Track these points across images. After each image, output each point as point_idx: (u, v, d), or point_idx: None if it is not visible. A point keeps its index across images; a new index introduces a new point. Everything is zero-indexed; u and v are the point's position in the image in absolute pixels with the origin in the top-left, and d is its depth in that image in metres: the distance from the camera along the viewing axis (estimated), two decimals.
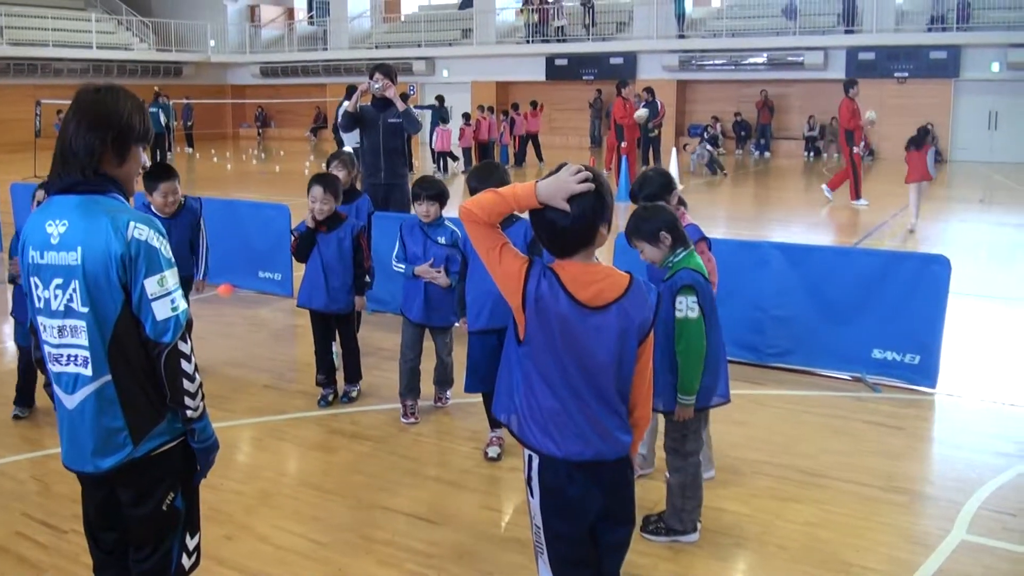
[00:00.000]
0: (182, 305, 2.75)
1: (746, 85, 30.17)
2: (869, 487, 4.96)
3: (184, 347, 2.74)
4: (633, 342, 2.81)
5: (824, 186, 17.78)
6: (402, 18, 39.93)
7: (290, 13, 42.36)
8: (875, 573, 4.11)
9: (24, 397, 6.16)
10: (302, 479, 5.21)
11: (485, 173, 5.08)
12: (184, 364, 2.74)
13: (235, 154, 31.09)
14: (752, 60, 29.43)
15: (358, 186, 7.64)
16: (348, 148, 7.77)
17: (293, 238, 6.21)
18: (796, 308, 6.92)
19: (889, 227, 14.26)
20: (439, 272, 5.78)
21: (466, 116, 24.84)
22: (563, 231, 2.73)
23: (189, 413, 2.80)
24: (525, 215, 2.87)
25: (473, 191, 5.03)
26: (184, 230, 6.51)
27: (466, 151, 24.27)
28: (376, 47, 36.86)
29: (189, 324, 2.78)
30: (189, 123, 33.60)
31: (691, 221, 4.71)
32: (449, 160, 24.10)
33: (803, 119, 29.31)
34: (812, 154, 28.66)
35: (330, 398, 6.33)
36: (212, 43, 39.07)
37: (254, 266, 9.73)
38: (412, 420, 5.95)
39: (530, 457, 2.88)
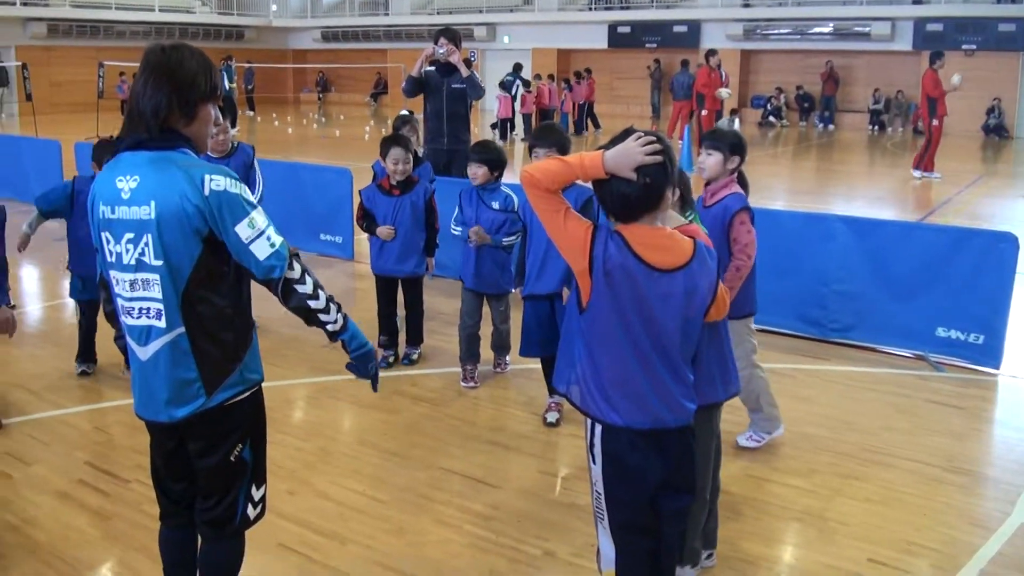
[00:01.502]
0: (278, 238, 2.77)
1: (811, 55, 29.60)
2: (930, 467, 4.90)
3: (294, 274, 2.79)
4: (700, 306, 2.82)
5: (912, 170, 17.27)
6: None
7: None
8: (935, 553, 4.06)
9: (86, 353, 6.26)
10: (361, 438, 5.27)
11: (544, 133, 5.18)
12: (301, 288, 2.80)
13: (296, 118, 31.32)
14: (818, 30, 28.89)
15: (419, 152, 7.67)
16: (405, 112, 7.76)
17: (359, 213, 6.26)
18: (860, 283, 6.82)
19: (953, 204, 13.96)
20: (481, 234, 5.77)
21: (526, 83, 24.72)
22: (630, 198, 2.73)
23: (330, 328, 2.87)
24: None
25: (531, 149, 5.05)
26: (237, 171, 6.59)
27: (527, 118, 24.19)
28: (438, 12, 36.74)
29: (293, 253, 2.82)
30: (250, 87, 33.85)
31: (737, 190, 4.63)
32: (508, 127, 24.02)
33: (868, 92, 28.73)
34: (877, 128, 28.09)
35: (391, 359, 6.39)
36: (274, 7, 39.27)
37: (315, 229, 9.82)
38: (471, 384, 5.99)
39: (592, 424, 2.89)
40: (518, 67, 24.76)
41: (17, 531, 4.18)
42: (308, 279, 2.82)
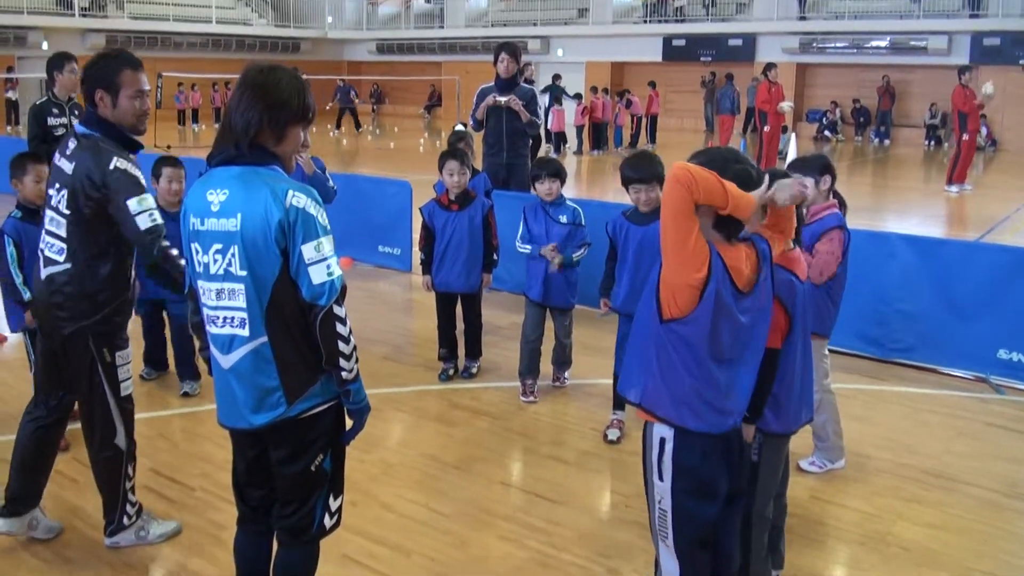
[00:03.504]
0: (337, 271, 2.86)
1: (867, 69, 29.31)
2: (993, 492, 4.86)
3: (339, 311, 2.85)
4: (763, 321, 2.97)
5: (945, 187, 17.11)
6: None
7: None
8: None
9: (153, 358, 6.40)
10: (423, 451, 5.33)
11: (641, 163, 5.08)
12: (339, 327, 2.85)
13: (349, 129, 31.60)
14: (874, 44, 28.61)
15: (477, 165, 7.75)
16: (460, 126, 7.85)
17: (422, 232, 6.34)
18: (922, 303, 6.76)
19: (1012, 222, 13.74)
20: (555, 253, 5.82)
21: (579, 96, 24.73)
22: (738, 226, 2.88)
23: (344, 375, 2.91)
24: None
25: (626, 180, 5.02)
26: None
27: (579, 131, 24.18)
28: (492, 25, 36.97)
29: (344, 289, 2.88)
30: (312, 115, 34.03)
31: (836, 210, 4.77)
32: (562, 141, 24.00)
33: (924, 106, 28.36)
34: (933, 143, 27.73)
35: (450, 372, 6.46)
36: (330, 19, 39.72)
37: (374, 240, 9.93)
38: (531, 399, 6.04)
39: (662, 440, 2.94)
40: (556, 78, 24.78)
41: (85, 536, 4.29)
42: (348, 323, 2.89)
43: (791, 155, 15.21)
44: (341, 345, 2.86)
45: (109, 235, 3.85)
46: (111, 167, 3.74)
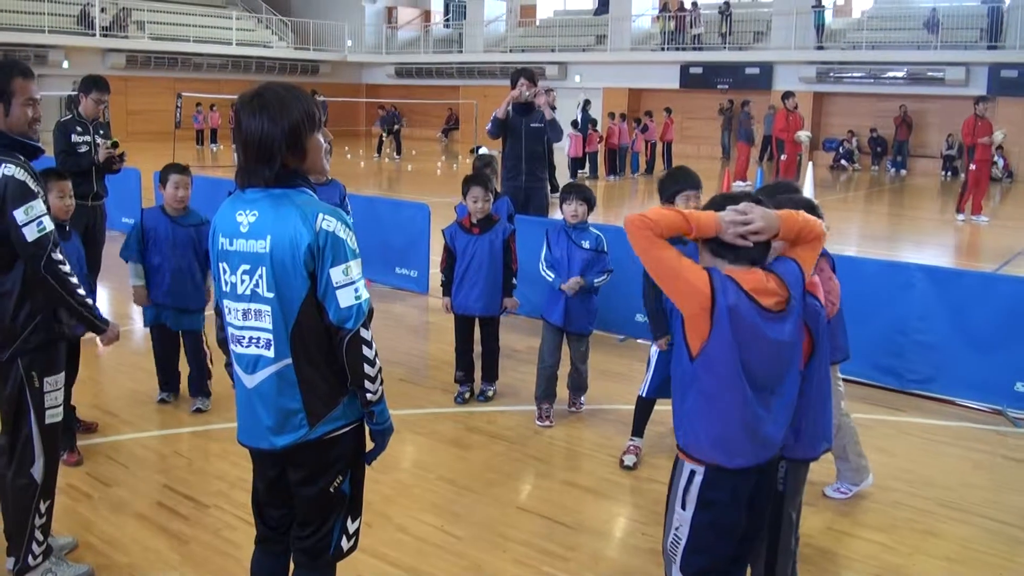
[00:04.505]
0: (365, 294, 2.87)
1: (884, 99, 29.36)
2: (1011, 526, 4.81)
3: (365, 334, 2.86)
4: (799, 342, 2.97)
5: (972, 216, 17.19)
6: (537, 23, 40.13)
7: (426, 15, 43.14)
8: None
9: (168, 382, 6.36)
10: (439, 473, 5.32)
11: (687, 172, 5.09)
12: (365, 350, 2.86)
13: (368, 151, 31.80)
14: (891, 74, 28.69)
15: (497, 188, 7.79)
16: (484, 150, 7.91)
17: (444, 254, 6.38)
18: (939, 334, 6.74)
19: None
20: (578, 285, 5.84)
21: (593, 122, 24.80)
22: (742, 251, 2.87)
23: (369, 396, 2.92)
24: None
25: (675, 190, 4.96)
26: (330, 202, 6.72)
27: (592, 156, 24.24)
28: (510, 51, 37.22)
29: (370, 312, 2.89)
30: (323, 119, 34.33)
31: None
32: (578, 167, 24.05)
33: (942, 137, 28.32)
34: (949, 174, 27.66)
35: (466, 395, 6.47)
36: (349, 43, 40.02)
37: (391, 262, 9.98)
38: (547, 424, 6.03)
39: (692, 472, 2.94)
40: (587, 104, 24.82)
41: (98, 552, 4.29)
42: (374, 346, 2.90)
43: (808, 187, 15.22)
44: (367, 367, 2.87)
45: (8, 246, 3.66)
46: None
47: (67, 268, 3.73)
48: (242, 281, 2.88)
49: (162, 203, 6.17)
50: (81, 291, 3.80)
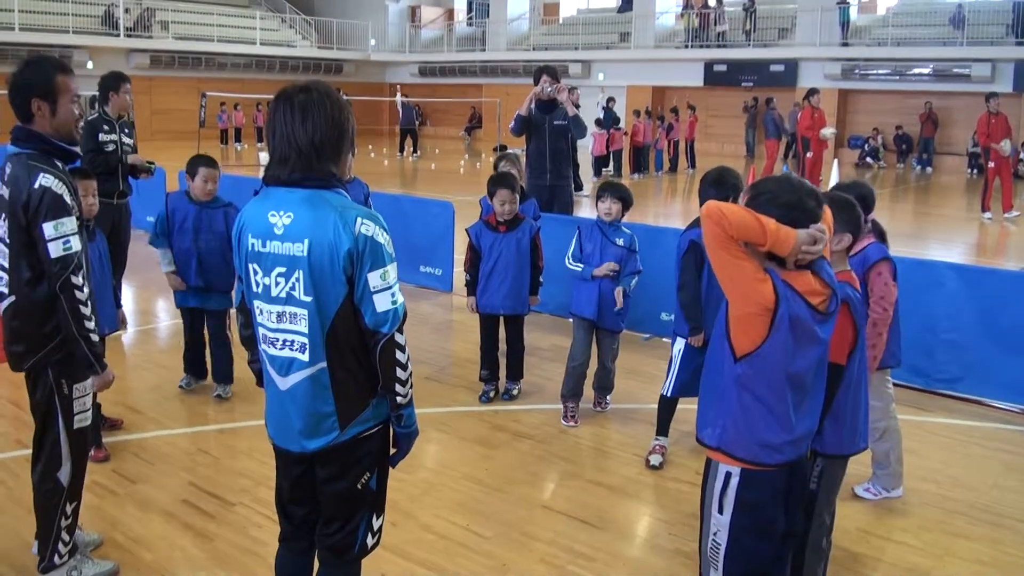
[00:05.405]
0: (400, 298, 2.86)
1: (909, 96, 29.07)
2: None
3: (400, 338, 2.86)
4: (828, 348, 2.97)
5: (1003, 214, 17.03)
6: (560, 21, 40.06)
7: (450, 14, 43.14)
8: None
9: (193, 364, 6.47)
10: (464, 472, 5.31)
11: (719, 181, 5.03)
12: (399, 354, 2.86)
13: (391, 150, 31.85)
14: (917, 71, 28.39)
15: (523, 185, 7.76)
16: (511, 150, 7.90)
17: (468, 253, 6.38)
18: (968, 333, 6.66)
19: None
20: (613, 267, 5.83)
21: (616, 120, 24.68)
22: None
23: (399, 399, 2.91)
24: None
25: (706, 197, 4.88)
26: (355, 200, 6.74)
27: (617, 155, 24.18)
28: (533, 49, 37.18)
29: (404, 316, 2.89)
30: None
31: (875, 240, 4.67)
32: (602, 165, 23.98)
33: (967, 134, 27.94)
34: (976, 171, 27.36)
35: (491, 394, 6.46)
36: (373, 42, 40.11)
37: (416, 260, 9.97)
38: (572, 423, 6.01)
39: (727, 474, 2.91)
40: (610, 101, 24.72)
41: (124, 549, 4.31)
42: (407, 350, 2.90)
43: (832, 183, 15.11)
44: (399, 371, 2.87)
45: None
46: (36, 185, 3.53)
47: (83, 296, 3.64)
48: (276, 284, 2.85)
49: (187, 188, 6.21)
50: (90, 324, 3.68)
